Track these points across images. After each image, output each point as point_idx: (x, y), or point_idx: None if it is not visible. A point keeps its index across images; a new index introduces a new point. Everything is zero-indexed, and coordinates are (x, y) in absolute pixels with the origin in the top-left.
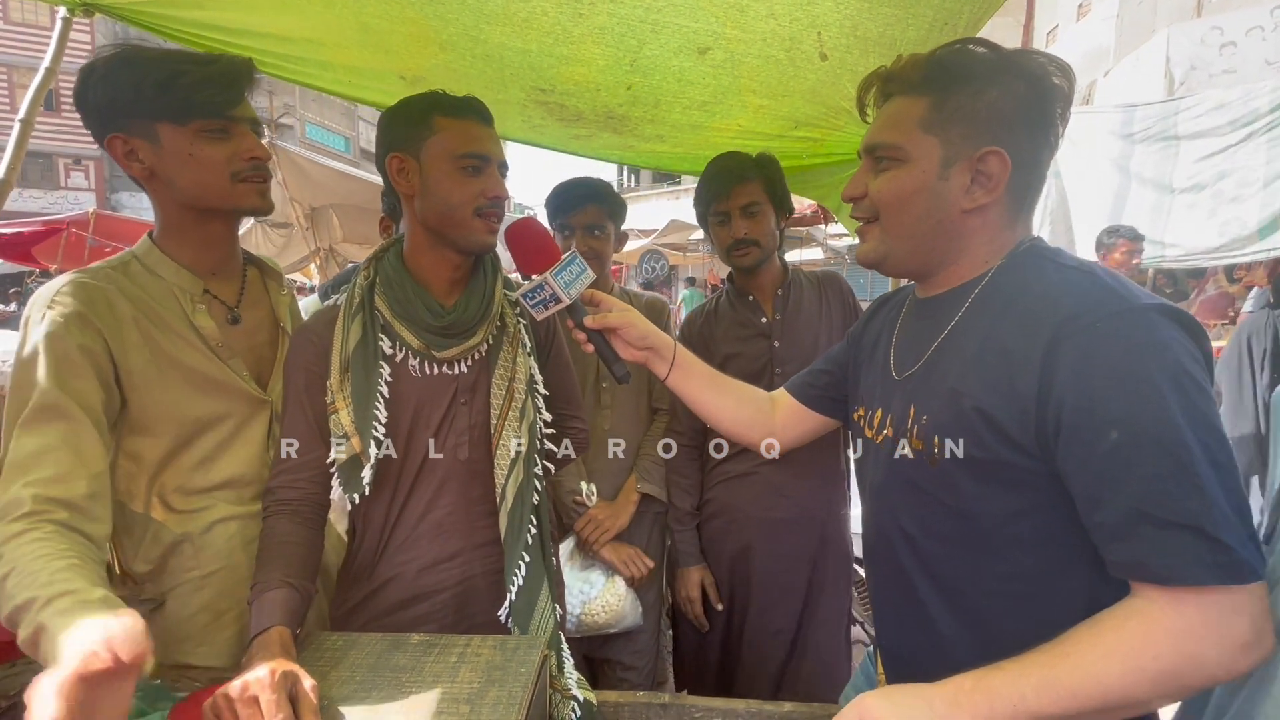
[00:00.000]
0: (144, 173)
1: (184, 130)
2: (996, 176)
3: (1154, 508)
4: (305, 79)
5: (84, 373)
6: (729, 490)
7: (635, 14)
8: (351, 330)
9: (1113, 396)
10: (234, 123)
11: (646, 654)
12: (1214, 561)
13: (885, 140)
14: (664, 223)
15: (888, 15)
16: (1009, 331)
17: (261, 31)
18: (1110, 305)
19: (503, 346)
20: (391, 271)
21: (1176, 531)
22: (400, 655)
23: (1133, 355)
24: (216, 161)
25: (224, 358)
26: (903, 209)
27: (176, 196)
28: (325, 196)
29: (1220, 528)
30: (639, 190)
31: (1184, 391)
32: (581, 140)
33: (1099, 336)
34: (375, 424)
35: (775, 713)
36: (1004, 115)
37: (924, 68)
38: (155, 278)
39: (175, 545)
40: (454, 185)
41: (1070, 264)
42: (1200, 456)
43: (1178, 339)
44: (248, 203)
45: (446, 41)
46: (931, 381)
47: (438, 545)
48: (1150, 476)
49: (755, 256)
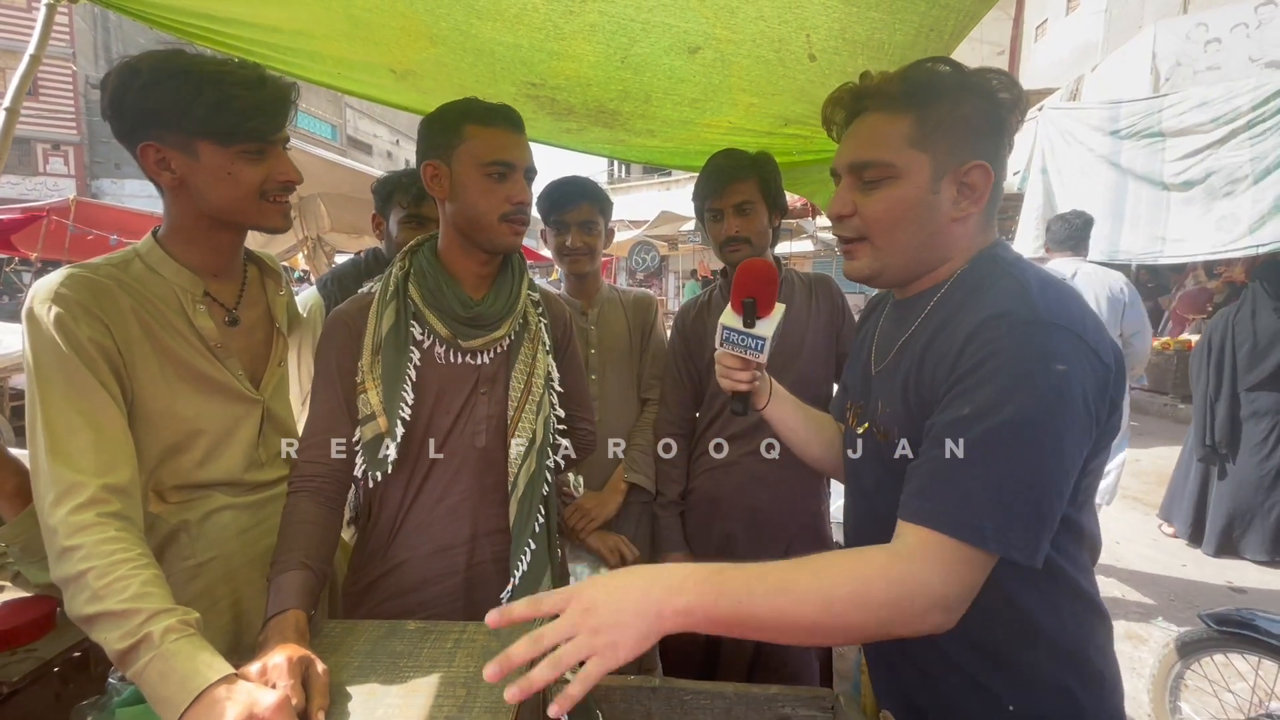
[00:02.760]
0: (173, 182)
1: (226, 150)
2: (980, 187)
3: (952, 471)
4: (294, 70)
5: (100, 363)
6: (713, 479)
7: (626, 13)
8: (386, 315)
9: (988, 383)
10: (272, 145)
11: None
12: (971, 522)
13: (876, 158)
14: (654, 214)
15: (875, 20)
16: (947, 335)
17: (249, 21)
18: (1021, 313)
19: (524, 342)
20: (425, 264)
21: (954, 491)
22: (397, 641)
23: (1020, 357)
24: (253, 182)
25: (221, 358)
26: (898, 226)
27: (202, 208)
28: (312, 185)
29: (993, 502)
30: (629, 181)
31: (1049, 399)
32: (573, 134)
33: (999, 336)
34: (402, 405)
35: (761, 695)
36: (978, 128)
37: (900, 84)
38: (156, 276)
39: (172, 535)
40: (481, 191)
41: (1013, 273)
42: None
43: (1068, 354)
44: (270, 222)
45: (437, 35)
46: (893, 376)
47: (451, 529)
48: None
49: (746, 253)
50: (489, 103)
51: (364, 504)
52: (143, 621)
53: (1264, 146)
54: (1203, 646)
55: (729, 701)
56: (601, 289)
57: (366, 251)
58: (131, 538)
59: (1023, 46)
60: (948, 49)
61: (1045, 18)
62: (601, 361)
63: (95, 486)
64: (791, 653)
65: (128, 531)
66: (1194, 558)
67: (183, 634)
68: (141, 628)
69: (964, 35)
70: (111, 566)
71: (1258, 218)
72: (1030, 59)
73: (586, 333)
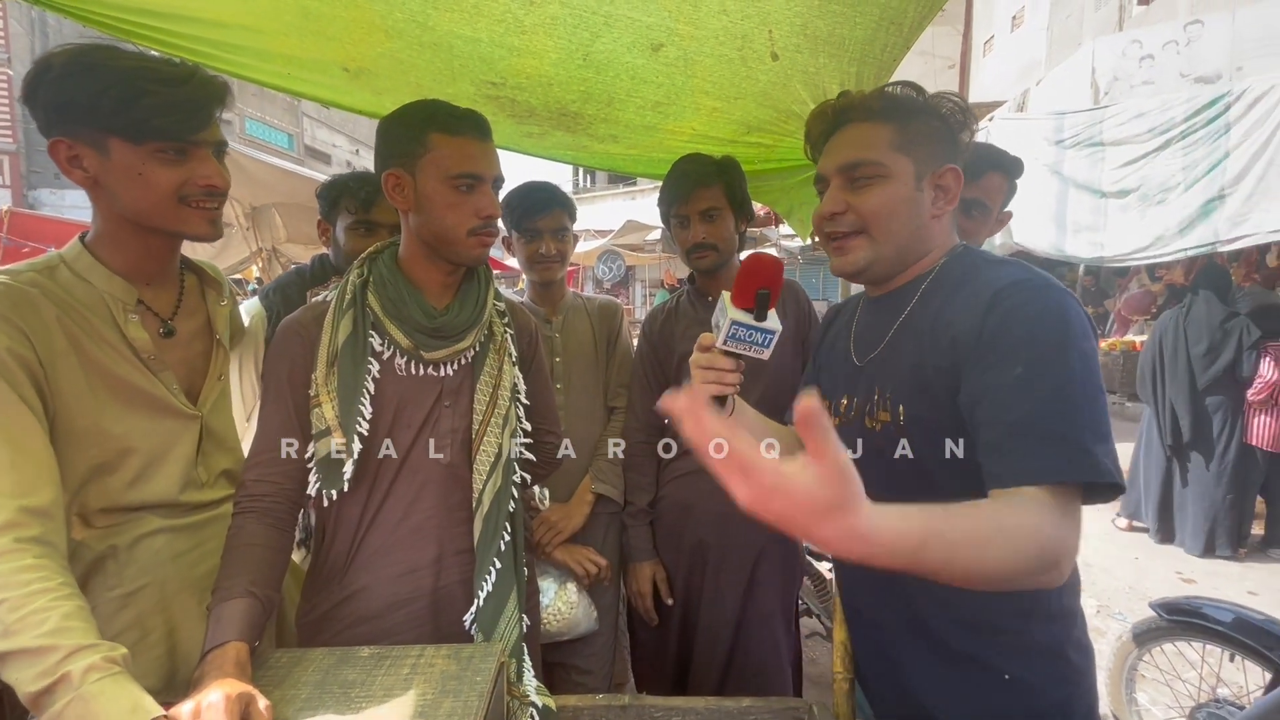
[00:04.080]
0: (86, 180)
1: (137, 149)
2: (953, 189)
3: (1036, 423)
4: (242, 70)
5: (19, 375)
6: (682, 487)
7: (588, 5)
8: (342, 325)
9: (1028, 340)
10: (194, 146)
11: (603, 657)
12: (1085, 464)
13: (867, 158)
14: (620, 223)
15: (836, 13)
16: (957, 307)
17: (192, 16)
18: (1039, 280)
19: (489, 353)
20: (386, 272)
21: (1055, 441)
22: (349, 670)
23: (1050, 315)
24: (167, 185)
25: (155, 370)
26: (892, 217)
27: (118, 210)
28: (267, 195)
29: (1090, 440)
30: (595, 191)
31: (1082, 350)
32: (534, 139)
33: (1028, 297)
34: (360, 419)
35: (734, 708)
36: (949, 139)
37: (881, 99)
38: (84, 284)
39: (98, 562)
40: (448, 205)
41: (1003, 260)
42: (1083, 394)
43: (1083, 316)
44: (194, 230)
45: (392, 28)
46: (892, 361)
47: (415, 551)
48: (1041, 399)
49: (713, 260)
50: (455, 108)
51: (317, 526)
52: (61, 659)
53: (1195, 156)
54: (1155, 636)
55: (700, 716)
56: (566, 296)
57: (313, 259)
58: (52, 566)
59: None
60: (907, 42)
61: (992, 34)
62: (567, 370)
63: (12, 509)
64: (765, 661)
65: (48, 559)
66: (1146, 551)
67: (106, 673)
68: (59, 666)
69: (923, 27)
70: (27, 598)
71: (1187, 223)
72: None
73: (551, 341)
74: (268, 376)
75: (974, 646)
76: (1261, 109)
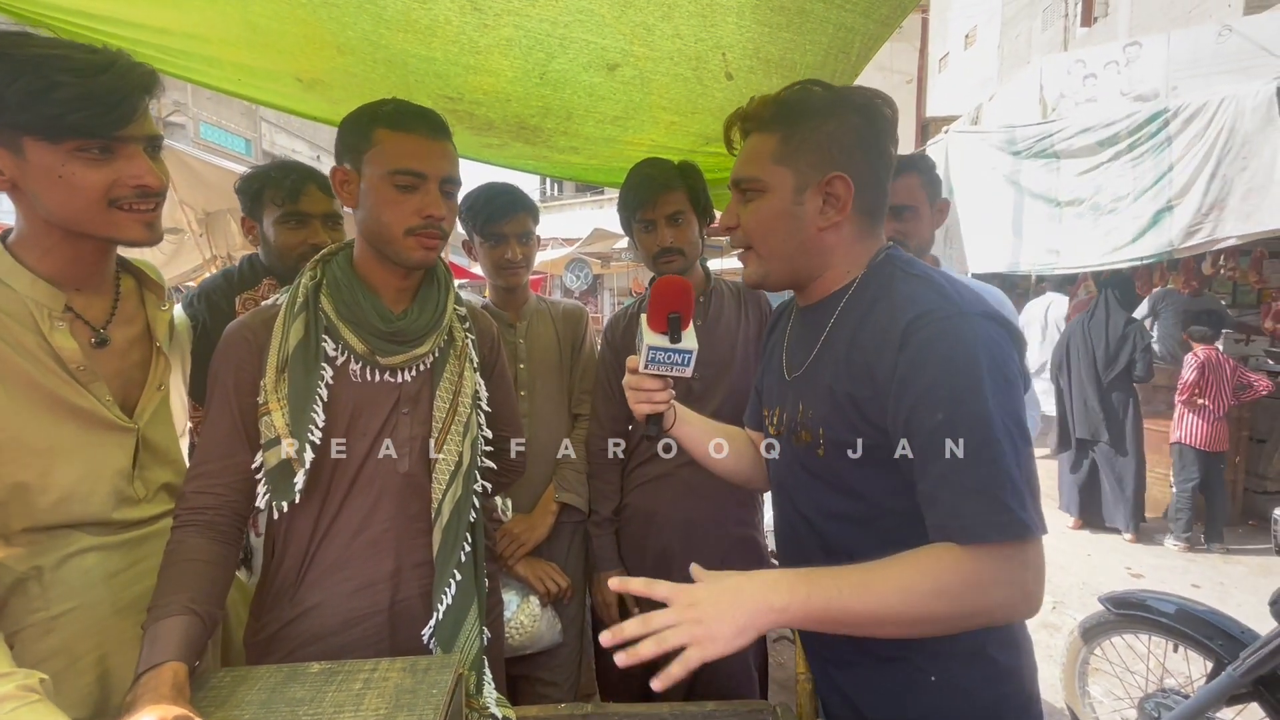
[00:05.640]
0: (3, 184)
1: (55, 149)
2: (843, 197)
3: (958, 477)
4: (190, 75)
5: None
6: (646, 494)
7: (542, 28)
8: (293, 329)
9: (942, 382)
10: (121, 143)
11: (567, 669)
12: (1000, 522)
13: (746, 174)
14: (587, 231)
15: (787, 40)
16: (869, 333)
17: (133, 21)
18: (945, 309)
19: (449, 359)
20: (340, 274)
21: (973, 497)
22: (297, 687)
23: (960, 350)
24: (92, 187)
25: (85, 382)
26: (769, 233)
27: (42, 215)
28: (221, 200)
29: (1008, 494)
30: (562, 199)
31: (996, 383)
32: (494, 149)
33: (935, 334)
34: (312, 427)
35: (698, 712)
36: (843, 144)
37: (772, 107)
38: (6, 289)
39: (18, 584)
40: (386, 203)
41: (916, 273)
42: (1003, 437)
43: (996, 339)
44: (127, 234)
45: (344, 45)
46: (814, 380)
47: (372, 565)
48: (962, 450)
49: (680, 264)
50: (408, 105)
51: (266, 540)
52: None
53: (1142, 169)
54: (1104, 629)
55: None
56: (530, 301)
57: (241, 260)
58: None
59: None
60: (855, 70)
61: (947, 51)
62: (531, 376)
63: None
64: (731, 665)
65: None
66: (1098, 547)
67: (23, 701)
68: None
69: (869, 57)
70: None
71: (1138, 232)
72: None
73: (515, 347)
74: (212, 383)
75: (897, 649)
76: (1198, 124)
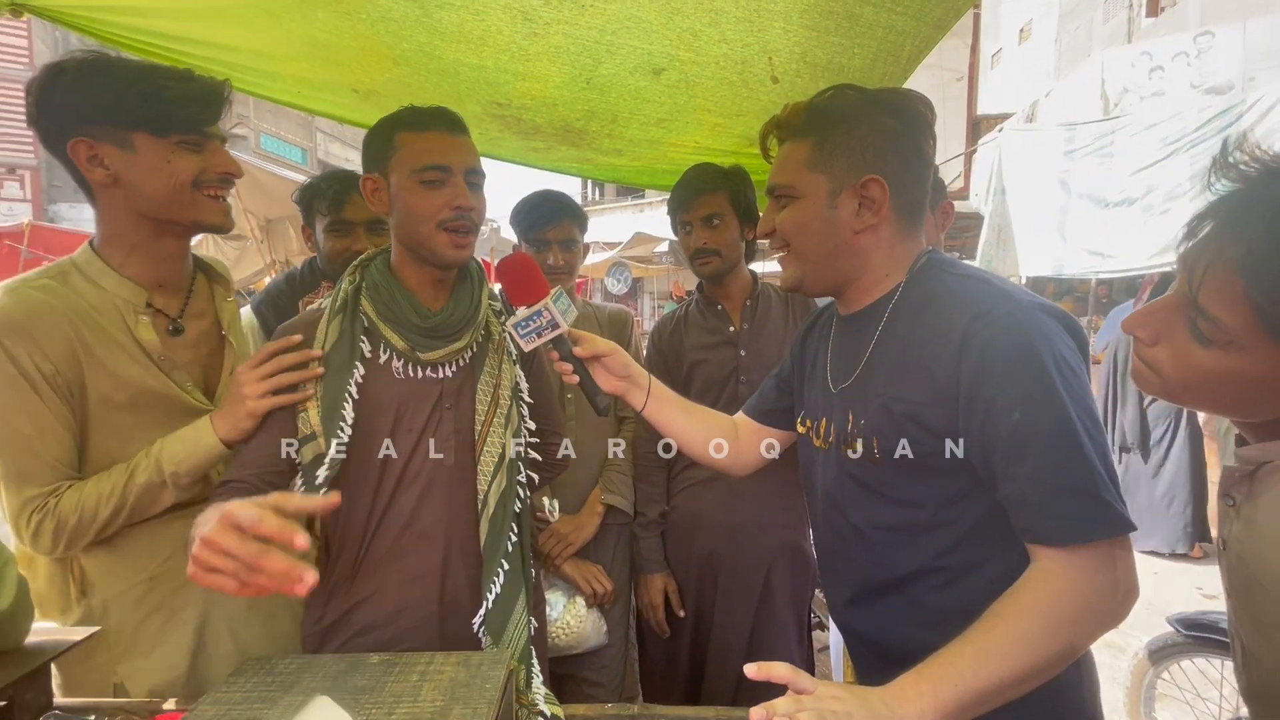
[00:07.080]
0: (106, 179)
1: (163, 141)
2: (879, 200)
3: (1048, 477)
4: (253, 89)
5: (40, 382)
6: (692, 497)
7: (590, 35)
8: (331, 330)
9: (1012, 381)
10: (208, 138)
11: (613, 669)
12: (1100, 518)
13: (779, 182)
14: (628, 236)
15: (835, 44)
16: (924, 338)
17: (207, 40)
18: (1004, 306)
19: (488, 353)
20: (379, 276)
21: (1068, 496)
22: (359, 676)
23: (1024, 345)
24: (188, 173)
25: (166, 370)
26: (804, 236)
27: (138, 206)
28: (281, 208)
29: (1101, 489)
30: (603, 203)
31: (1064, 375)
32: (540, 153)
33: (998, 333)
34: (341, 424)
35: (743, 718)
36: (876, 146)
37: (804, 114)
38: (96, 288)
39: (121, 549)
40: (416, 200)
41: (966, 274)
42: (1081, 430)
43: (1057, 332)
44: (210, 217)
45: (400, 57)
46: (865, 391)
47: (422, 555)
48: (1045, 449)
49: (715, 266)
50: (422, 107)
51: (322, 535)
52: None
53: (1203, 164)
54: (1172, 652)
55: None
56: (579, 307)
57: (303, 264)
58: None
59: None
60: (905, 73)
61: (1000, 47)
62: None
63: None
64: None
65: None
66: (1164, 566)
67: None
68: None
69: (920, 60)
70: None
71: None
72: (986, 85)
73: None
74: None
75: None
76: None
